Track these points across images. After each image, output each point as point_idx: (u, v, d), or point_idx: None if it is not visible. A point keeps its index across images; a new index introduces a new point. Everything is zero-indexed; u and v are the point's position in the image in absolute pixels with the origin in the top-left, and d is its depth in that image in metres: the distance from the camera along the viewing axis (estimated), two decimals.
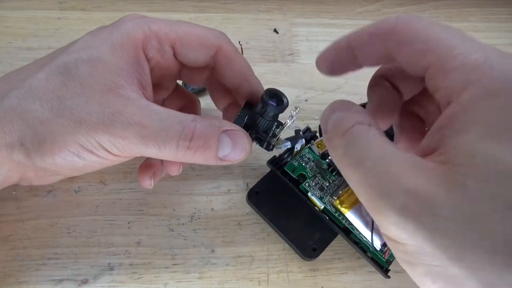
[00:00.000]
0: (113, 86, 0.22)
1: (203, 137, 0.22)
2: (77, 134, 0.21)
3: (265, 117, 0.25)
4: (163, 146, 0.22)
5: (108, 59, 0.23)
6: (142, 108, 0.22)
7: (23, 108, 0.22)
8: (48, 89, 0.22)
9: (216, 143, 0.23)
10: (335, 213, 0.30)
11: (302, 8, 0.47)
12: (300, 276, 0.30)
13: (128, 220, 0.31)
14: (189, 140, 0.22)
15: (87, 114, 0.21)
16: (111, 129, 0.21)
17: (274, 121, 0.26)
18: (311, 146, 0.33)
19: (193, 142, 0.22)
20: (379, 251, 0.29)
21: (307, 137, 0.32)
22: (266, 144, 0.27)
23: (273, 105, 0.24)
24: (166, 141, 0.22)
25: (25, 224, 0.30)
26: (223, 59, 0.27)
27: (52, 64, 0.23)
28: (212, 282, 0.30)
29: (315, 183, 0.31)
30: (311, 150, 0.33)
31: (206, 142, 0.22)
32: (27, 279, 0.28)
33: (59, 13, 0.42)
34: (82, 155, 0.22)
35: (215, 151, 0.23)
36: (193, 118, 0.23)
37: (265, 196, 0.32)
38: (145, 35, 0.25)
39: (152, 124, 0.22)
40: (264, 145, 0.27)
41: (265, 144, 0.27)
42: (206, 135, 0.22)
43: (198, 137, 0.22)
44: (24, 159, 0.22)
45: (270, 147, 0.27)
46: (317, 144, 0.33)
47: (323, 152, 0.32)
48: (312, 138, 0.33)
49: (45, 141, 0.22)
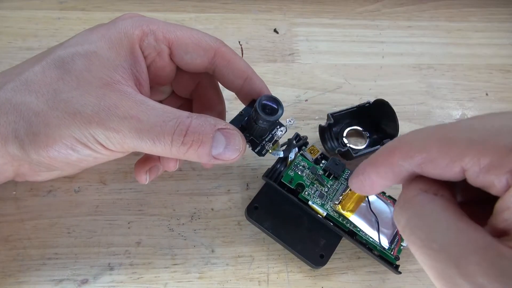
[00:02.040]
0: (109, 81, 0.22)
1: (197, 133, 0.22)
2: (71, 126, 0.21)
3: (258, 124, 0.25)
4: (157, 141, 0.22)
5: (105, 54, 0.23)
6: (138, 103, 0.22)
7: (18, 100, 0.22)
8: (44, 82, 0.22)
9: (210, 140, 0.23)
10: (339, 218, 0.30)
11: (302, 8, 0.46)
12: (300, 276, 0.30)
13: (128, 220, 0.31)
14: (183, 135, 0.22)
15: (82, 106, 0.21)
16: (106, 122, 0.21)
17: (270, 127, 0.26)
18: (303, 153, 0.32)
19: (187, 137, 0.22)
20: (387, 249, 0.29)
21: (299, 145, 0.31)
22: (259, 148, 0.26)
23: (263, 115, 0.23)
24: (160, 136, 0.22)
25: (25, 224, 0.30)
26: (222, 61, 0.27)
27: (48, 58, 0.23)
28: (212, 282, 0.30)
29: (314, 190, 0.31)
30: (304, 157, 0.32)
31: (200, 139, 0.22)
32: (27, 279, 0.28)
33: (59, 13, 0.42)
34: (76, 148, 0.22)
35: (208, 148, 0.23)
36: (189, 115, 0.23)
37: (265, 210, 0.31)
38: (143, 32, 0.25)
39: (147, 119, 0.22)
40: (256, 149, 0.26)
41: (258, 148, 0.26)
42: (200, 131, 0.22)
43: (192, 132, 0.22)
44: (19, 151, 0.22)
45: (263, 152, 0.26)
46: (309, 150, 0.32)
47: (316, 158, 0.32)
48: (303, 145, 0.32)
49: (39, 133, 0.22)
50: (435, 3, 0.49)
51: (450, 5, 0.49)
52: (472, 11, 0.49)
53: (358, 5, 0.48)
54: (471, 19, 0.49)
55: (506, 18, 0.49)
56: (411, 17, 0.48)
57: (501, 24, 0.49)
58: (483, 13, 0.49)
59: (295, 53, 0.43)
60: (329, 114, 0.35)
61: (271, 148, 0.26)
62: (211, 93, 0.30)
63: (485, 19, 0.49)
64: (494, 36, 0.47)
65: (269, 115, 0.24)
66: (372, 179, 0.19)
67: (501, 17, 0.49)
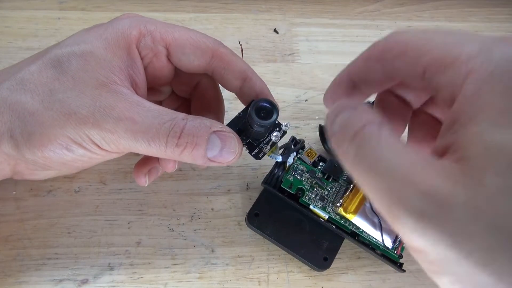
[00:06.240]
0: (105, 81, 0.22)
1: (191, 135, 0.22)
2: (66, 126, 0.21)
3: (253, 127, 0.24)
4: (152, 142, 0.22)
5: (101, 54, 0.23)
6: (134, 104, 0.22)
7: (14, 99, 0.22)
8: (40, 82, 0.22)
9: (205, 142, 0.22)
10: (341, 220, 0.30)
11: (302, 8, 0.46)
12: (300, 276, 0.30)
13: (128, 220, 0.31)
14: (177, 137, 0.22)
15: (78, 107, 0.21)
16: (101, 123, 0.21)
17: (266, 130, 0.25)
18: (301, 157, 0.31)
19: (181, 139, 0.22)
20: (391, 249, 0.29)
21: (297, 149, 0.31)
22: (256, 151, 0.26)
23: (257, 119, 0.23)
24: (155, 137, 0.22)
25: (25, 224, 0.30)
26: (221, 62, 0.27)
27: (45, 58, 0.23)
28: (212, 282, 0.30)
29: (315, 194, 0.30)
30: (302, 161, 0.31)
31: (194, 141, 0.22)
32: (27, 279, 0.28)
33: (59, 13, 0.42)
34: (71, 148, 0.22)
35: (203, 151, 0.23)
36: (184, 117, 0.23)
37: (266, 217, 0.31)
38: (140, 32, 0.24)
39: (142, 120, 0.22)
40: (253, 152, 0.26)
41: (256, 151, 0.26)
42: (195, 134, 0.22)
43: (186, 134, 0.22)
44: (14, 151, 0.22)
45: (260, 155, 0.26)
46: (307, 153, 0.32)
47: (314, 160, 0.32)
48: (301, 149, 0.32)
49: (34, 133, 0.22)
50: (435, 3, 0.49)
51: (450, 5, 0.49)
52: (472, 11, 0.49)
53: (358, 5, 0.48)
54: (471, 19, 0.49)
55: (506, 18, 0.49)
56: (411, 17, 0.48)
57: (501, 24, 0.49)
58: (483, 13, 0.49)
59: (295, 53, 0.43)
60: None
61: (268, 151, 0.26)
62: (210, 93, 0.30)
63: (485, 19, 0.49)
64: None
65: (264, 119, 0.23)
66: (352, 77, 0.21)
67: (501, 17, 0.49)
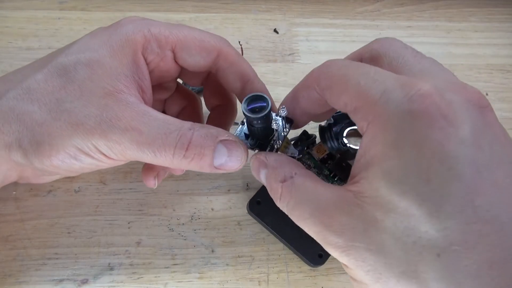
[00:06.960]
0: (112, 90, 0.22)
1: (199, 147, 0.22)
2: (74, 137, 0.22)
3: (254, 125, 0.24)
4: (158, 153, 0.22)
5: (108, 62, 0.23)
6: (140, 114, 0.22)
7: (21, 109, 0.22)
8: (46, 91, 0.22)
9: (212, 153, 0.23)
10: None
11: (302, 8, 0.47)
12: (300, 276, 0.30)
13: (128, 220, 0.31)
14: (185, 149, 0.22)
15: (85, 117, 0.22)
16: (108, 134, 0.21)
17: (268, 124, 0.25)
18: (310, 152, 0.32)
19: (189, 151, 0.22)
20: None
21: (308, 144, 0.31)
22: (269, 149, 0.26)
23: (251, 115, 0.23)
24: (162, 149, 0.22)
25: (25, 224, 0.30)
26: (225, 63, 0.27)
27: (50, 66, 0.23)
28: (212, 282, 0.30)
29: None
30: (311, 156, 0.32)
31: (202, 152, 0.22)
32: (27, 279, 0.28)
33: (59, 13, 0.42)
34: (79, 157, 0.22)
35: (210, 160, 0.23)
36: (191, 126, 0.23)
37: (267, 205, 0.31)
38: (145, 38, 0.24)
39: (148, 131, 0.22)
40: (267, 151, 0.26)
41: (268, 149, 0.26)
42: (202, 145, 0.22)
43: (194, 146, 0.22)
44: (22, 159, 0.22)
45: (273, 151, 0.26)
46: (316, 149, 0.32)
47: (323, 157, 0.32)
48: (311, 143, 0.32)
49: (43, 143, 0.22)
50: (435, 3, 0.49)
51: (450, 5, 0.49)
52: (472, 11, 0.49)
53: (358, 5, 0.48)
54: (471, 19, 0.49)
55: (506, 18, 0.49)
56: (411, 17, 0.48)
57: (501, 24, 0.49)
58: (483, 13, 0.49)
59: (295, 53, 0.43)
60: None
61: (281, 146, 0.26)
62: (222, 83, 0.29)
63: (485, 19, 0.49)
64: (494, 36, 0.47)
65: (258, 112, 0.23)
66: (298, 101, 0.24)
67: (501, 17, 0.49)
